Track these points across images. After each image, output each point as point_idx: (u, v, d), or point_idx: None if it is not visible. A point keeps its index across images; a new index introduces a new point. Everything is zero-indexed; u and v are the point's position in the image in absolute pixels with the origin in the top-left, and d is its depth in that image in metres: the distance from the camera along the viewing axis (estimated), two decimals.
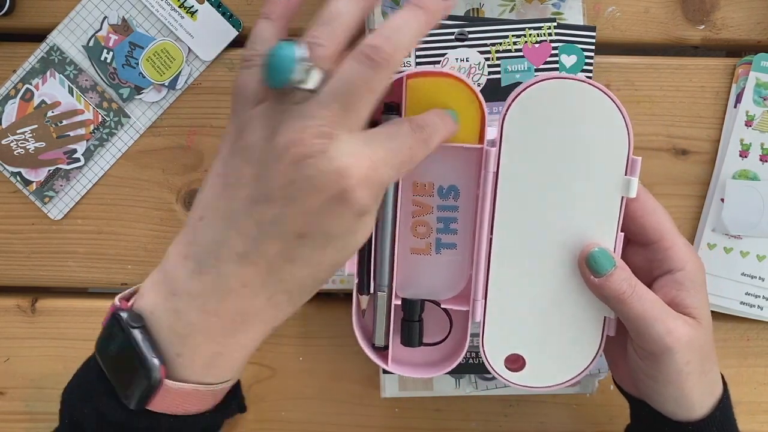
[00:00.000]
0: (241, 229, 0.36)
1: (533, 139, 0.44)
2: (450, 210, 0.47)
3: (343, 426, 0.62)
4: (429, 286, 0.48)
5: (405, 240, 0.47)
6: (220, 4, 0.58)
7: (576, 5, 0.56)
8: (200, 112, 0.59)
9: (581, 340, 0.47)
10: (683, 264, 0.46)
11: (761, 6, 0.58)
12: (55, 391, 0.62)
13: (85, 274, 0.61)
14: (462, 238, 0.48)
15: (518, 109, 0.44)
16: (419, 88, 0.44)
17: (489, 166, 0.45)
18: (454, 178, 0.47)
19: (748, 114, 0.57)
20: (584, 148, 0.44)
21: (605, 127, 0.44)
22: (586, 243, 0.45)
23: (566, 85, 0.44)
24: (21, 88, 0.59)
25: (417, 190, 0.47)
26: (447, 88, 0.44)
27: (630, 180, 0.44)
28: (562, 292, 0.46)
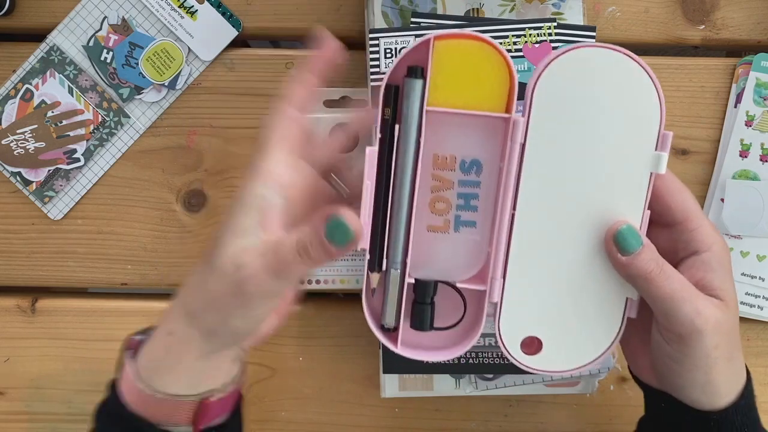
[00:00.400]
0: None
1: (562, 109, 0.42)
2: (471, 185, 0.44)
3: (343, 426, 0.62)
4: (444, 267, 0.46)
5: (422, 216, 0.45)
6: (220, 4, 0.58)
7: (576, 5, 0.56)
8: (200, 112, 0.59)
9: (601, 322, 0.45)
10: (709, 245, 0.44)
11: (761, 6, 0.58)
12: (55, 391, 0.63)
13: (85, 274, 0.61)
14: (482, 215, 0.45)
15: (549, 78, 0.42)
16: (446, 50, 0.42)
17: (516, 137, 0.43)
18: (478, 151, 0.44)
19: (748, 114, 0.57)
20: (614, 121, 0.42)
21: (637, 100, 0.42)
22: (614, 220, 0.43)
23: (599, 53, 0.42)
24: (21, 88, 0.59)
25: (438, 163, 0.44)
26: (475, 52, 0.42)
27: (660, 155, 0.42)
28: (584, 271, 0.44)
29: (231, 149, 0.60)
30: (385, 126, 0.43)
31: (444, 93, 0.43)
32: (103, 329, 0.62)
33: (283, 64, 0.59)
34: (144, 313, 0.62)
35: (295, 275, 0.41)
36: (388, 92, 0.43)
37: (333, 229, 0.40)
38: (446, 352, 0.47)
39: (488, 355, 0.58)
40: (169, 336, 0.43)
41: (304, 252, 0.40)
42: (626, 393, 0.61)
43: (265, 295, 0.41)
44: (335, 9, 0.59)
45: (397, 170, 0.44)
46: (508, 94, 0.43)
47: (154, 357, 0.43)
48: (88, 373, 0.62)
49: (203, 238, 0.61)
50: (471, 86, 0.43)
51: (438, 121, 0.43)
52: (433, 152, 0.44)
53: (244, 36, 0.59)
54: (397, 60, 0.42)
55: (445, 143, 0.44)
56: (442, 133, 0.44)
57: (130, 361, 0.44)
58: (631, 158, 0.43)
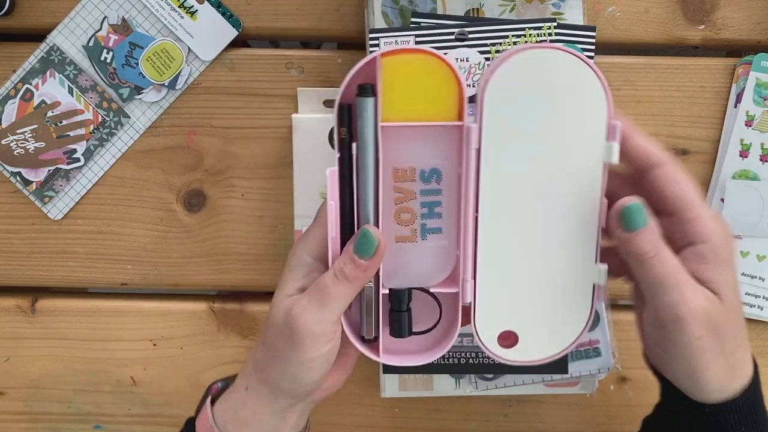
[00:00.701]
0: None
1: (514, 111, 0.44)
2: (433, 194, 0.46)
3: (343, 426, 0.62)
4: (416, 274, 0.47)
5: (389, 229, 0.46)
6: (220, 4, 0.58)
7: (576, 5, 0.56)
8: (200, 112, 0.59)
9: (572, 309, 0.46)
10: (707, 236, 0.43)
11: (761, 6, 0.58)
12: (55, 391, 0.63)
13: (85, 274, 0.61)
14: (447, 221, 0.47)
15: (497, 83, 0.44)
16: (394, 66, 0.44)
17: (471, 143, 0.44)
18: (436, 160, 0.46)
19: (748, 114, 0.57)
20: (565, 117, 0.44)
21: (584, 95, 0.44)
22: (574, 212, 0.45)
23: (543, 55, 0.43)
24: (21, 88, 0.59)
25: (398, 176, 0.46)
26: (423, 65, 0.44)
27: (611, 145, 0.44)
28: (550, 263, 0.46)
29: (231, 149, 0.60)
30: (343, 145, 0.44)
31: (396, 107, 0.44)
32: (103, 329, 0.62)
33: (283, 64, 0.59)
34: (144, 313, 0.62)
35: (338, 303, 0.44)
36: (342, 112, 0.44)
37: (360, 242, 0.44)
38: (428, 354, 0.48)
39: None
40: (246, 390, 0.47)
41: (341, 273, 0.44)
42: (626, 393, 0.61)
43: (314, 332, 0.44)
44: (335, 9, 0.59)
45: (359, 187, 0.45)
46: (458, 103, 0.44)
47: (232, 408, 0.47)
48: (88, 373, 0.62)
49: (203, 238, 0.61)
50: (422, 98, 0.44)
51: (394, 135, 0.45)
52: (393, 166, 0.46)
53: (244, 36, 0.59)
54: (346, 80, 0.44)
55: (404, 155, 0.45)
56: (399, 146, 0.45)
57: (209, 406, 0.47)
58: (584, 151, 0.44)
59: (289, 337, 0.44)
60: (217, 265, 0.61)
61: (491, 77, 0.43)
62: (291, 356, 0.44)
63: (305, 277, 0.45)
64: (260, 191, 0.60)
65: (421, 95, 0.44)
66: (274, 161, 0.60)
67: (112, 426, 0.63)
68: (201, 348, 0.62)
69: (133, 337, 0.62)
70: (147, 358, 0.62)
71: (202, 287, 0.62)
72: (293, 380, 0.45)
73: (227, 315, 0.62)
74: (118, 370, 0.62)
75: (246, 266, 0.61)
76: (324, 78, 0.59)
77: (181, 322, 0.62)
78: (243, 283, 0.61)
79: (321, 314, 0.43)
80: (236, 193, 0.60)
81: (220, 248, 0.61)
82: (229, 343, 0.62)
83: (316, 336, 0.43)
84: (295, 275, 0.46)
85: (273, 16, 0.59)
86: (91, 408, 0.63)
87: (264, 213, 0.60)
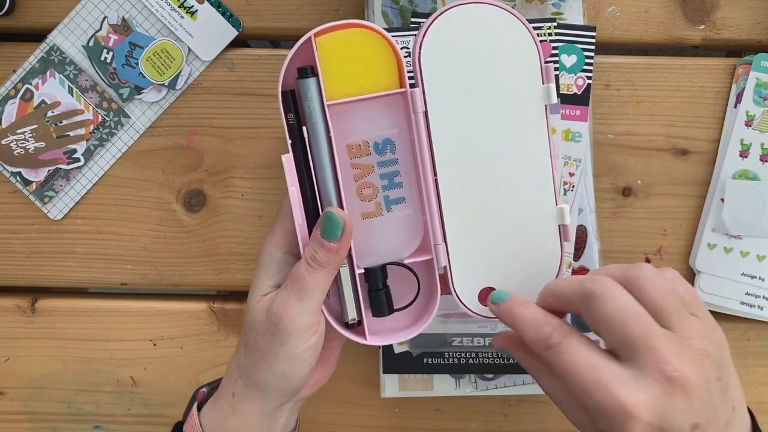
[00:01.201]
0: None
1: (452, 70, 0.45)
2: (391, 164, 0.46)
3: (343, 426, 0.62)
4: (387, 248, 0.47)
5: (353, 206, 0.46)
6: (220, 4, 0.58)
7: (576, 5, 0.56)
8: (200, 112, 0.59)
9: (543, 254, 0.47)
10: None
11: (761, 6, 0.58)
12: (54, 391, 0.63)
13: (85, 274, 0.61)
14: (408, 189, 0.47)
15: (430, 44, 0.44)
16: (329, 44, 0.44)
17: (417, 107, 0.45)
18: (387, 130, 0.46)
19: (748, 114, 0.57)
20: (501, 68, 0.45)
21: (515, 44, 0.45)
22: (528, 155, 0.46)
23: (468, 10, 0.44)
24: (21, 88, 0.59)
25: (353, 152, 0.46)
26: (357, 38, 0.44)
27: (548, 87, 0.45)
28: (514, 212, 0.47)
29: (231, 149, 0.60)
30: (292, 131, 0.44)
31: (339, 84, 0.44)
32: (103, 329, 0.62)
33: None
34: (144, 313, 0.62)
35: (317, 291, 0.44)
36: (286, 98, 0.44)
37: (325, 225, 0.43)
38: (413, 328, 0.48)
39: (488, 355, 0.58)
40: (233, 398, 0.46)
41: (313, 260, 0.43)
42: None
43: (299, 325, 0.43)
44: (335, 9, 0.59)
45: (316, 169, 0.45)
46: (398, 70, 0.45)
47: (221, 416, 0.46)
48: (88, 373, 0.62)
49: (203, 238, 0.61)
50: (362, 71, 0.45)
51: (341, 112, 0.45)
52: (345, 143, 0.46)
53: (244, 36, 0.59)
54: (284, 66, 0.44)
55: (354, 131, 0.46)
56: (349, 122, 0.45)
57: (196, 413, 0.47)
58: (525, 97, 0.46)
59: (273, 334, 0.44)
60: (217, 265, 0.61)
61: (424, 39, 0.44)
62: (279, 353, 0.44)
63: (278, 273, 0.45)
64: (260, 191, 0.60)
65: (361, 68, 0.45)
66: (274, 161, 0.60)
67: (112, 426, 0.63)
68: (201, 348, 0.62)
69: (133, 337, 0.62)
70: (147, 358, 0.62)
71: (202, 287, 0.62)
72: (283, 377, 0.44)
73: (227, 315, 0.62)
74: (118, 370, 0.62)
75: (246, 266, 0.61)
76: None
77: (181, 322, 0.62)
78: (243, 283, 0.61)
79: (302, 305, 0.43)
80: (236, 193, 0.60)
81: (220, 248, 0.61)
82: (229, 343, 0.62)
83: (302, 328, 0.43)
84: (267, 273, 0.45)
85: (273, 16, 0.59)
86: (91, 408, 0.63)
87: (264, 213, 0.60)
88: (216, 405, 0.47)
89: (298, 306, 0.43)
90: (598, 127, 0.59)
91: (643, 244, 0.60)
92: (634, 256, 0.60)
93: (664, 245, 0.60)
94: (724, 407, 0.38)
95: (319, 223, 0.44)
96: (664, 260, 0.60)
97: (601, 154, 0.59)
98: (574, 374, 0.38)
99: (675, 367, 0.36)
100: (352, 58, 0.44)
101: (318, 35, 0.44)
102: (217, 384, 0.49)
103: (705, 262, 0.59)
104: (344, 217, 0.44)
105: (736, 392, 0.39)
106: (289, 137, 0.44)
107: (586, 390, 0.37)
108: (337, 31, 0.44)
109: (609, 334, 0.38)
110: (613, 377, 0.36)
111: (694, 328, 0.38)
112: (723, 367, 0.38)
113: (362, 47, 0.44)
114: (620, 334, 0.38)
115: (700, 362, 0.37)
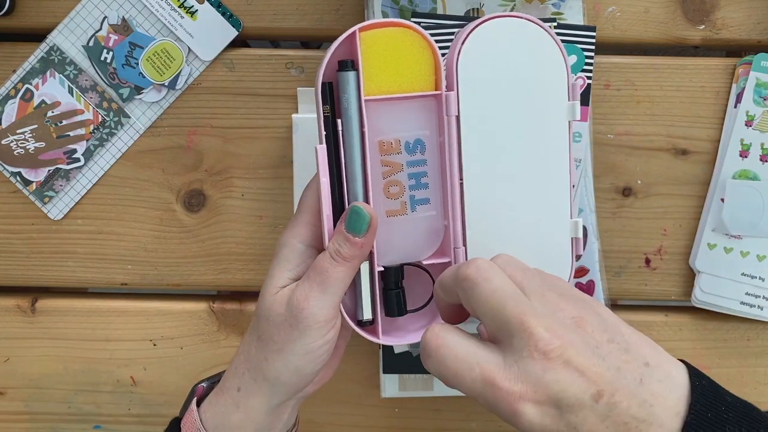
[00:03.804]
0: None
1: (485, 78, 0.45)
2: (419, 165, 0.46)
3: (343, 426, 0.62)
4: (408, 248, 0.47)
5: (379, 203, 0.46)
6: (220, 4, 0.58)
7: (576, 5, 0.56)
8: (200, 112, 0.59)
9: (556, 265, 0.47)
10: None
11: (761, 6, 0.58)
12: (55, 391, 0.63)
13: (85, 274, 0.61)
14: (434, 191, 0.47)
15: (468, 51, 0.45)
16: (372, 40, 0.44)
17: (451, 111, 0.45)
18: (418, 131, 0.46)
19: (748, 114, 0.57)
20: (531, 81, 0.46)
21: (546, 59, 0.46)
22: (553, 170, 0.46)
23: (508, 22, 0.45)
24: (21, 88, 0.59)
25: (384, 149, 0.46)
26: (399, 37, 0.45)
27: (573, 104, 0.46)
28: (532, 223, 0.47)
29: (231, 149, 0.60)
30: (327, 123, 0.45)
31: (377, 81, 0.45)
32: (103, 329, 0.62)
33: (283, 64, 0.59)
34: (144, 313, 0.62)
35: (339, 285, 0.43)
36: (324, 90, 0.44)
37: (351, 219, 0.43)
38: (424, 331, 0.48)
39: None
40: (238, 392, 0.45)
41: (337, 254, 0.43)
42: None
43: (319, 318, 0.43)
44: (335, 9, 0.59)
45: (347, 163, 0.45)
46: (435, 72, 0.45)
47: (223, 411, 0.45)
48: (88, 373, 0.62)
49: (203, 238, 0.61)
50: (401, 70, 0.45)
51: (376, 109, 0.45)
52: (377, 139, 0.46)
53: (244, 36, 0.59)
54: (327, 56, 0.44)
55: (388, 128, 0.46)
56: (382, 119, 0.46)
57: (195, 408, 0.46)
58: (551, 112, 0.46)
59: (293, 326, 0.43)
60: (217, 265, 0.61)
61: (462, 46, 0.45)
62: (295, 346, 0.43)
63: (299, 266, 0.45)
64: (260, 191, 0.60)
65: (399, 67, 0.45)
66: (274, 161, 0.60)
67: (111, 426, 0.63)
68: (201, 348, 0.62)
69: (133, 337, 0.62)
70: (147, 358, 0.62)
71: (202, 287, 0.62)
72: (296, 371, 0.44)
73: (227, 315, 0.62)
74: (118, 370, 0.62)
75: (246, 266, 0.61)
76: None
77: (181, 322, 0.62)
78: (243, 283, 0.61)
79: (324, 299, 0.43)
80: (236, 193, 0.60)
81: (220, 248, 0.61)
82: (229, 343, 0.62)
83: (321, 322, 0.43)
84: (287, 265, 0.45)
85: (273, 16, 0.59)
86: (91, 408, 0.63)
87: (264, 213, 0.60)
88: (218, 400, 0.46)
89: (320, 299, 0.43)
90: (598, 127, 0.59)
91: (643, 244, 0.60)
92: (634, 256, 0.60)
93: (664, 245, 0.60)
94: (631, 366, 0.36)
95: (344, 216, 0.44)
96: (664, 260, 0.60)
97: (601, 154, 0.59)
98: (459, 377, 0.37)
99: (547, 342, 0.35)
100: (393, 56, 0.45)
101: (363, 30, 0.44)
102: (216, 379, 0.48)
103: (705, 262, 0.59)
104: (371, 212, 0.43)
105: (644, 348, 0.37)
106: (323, 128, 0.45)
107: (473, 392, 0.37)
108: (381, 29, 0.44)
109: (486, 318, 0.38)
110: (497, 370, 0.36)
111: (562, 299, 0.38)
112: (609, 329, 0.37)
113: (403, 46, 0.45)
114: (497, 316, 0.37)
115: (577, 330, 0.36)
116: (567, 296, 0.39)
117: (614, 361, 0.36)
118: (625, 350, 0.36)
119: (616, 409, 0.35)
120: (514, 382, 0.35)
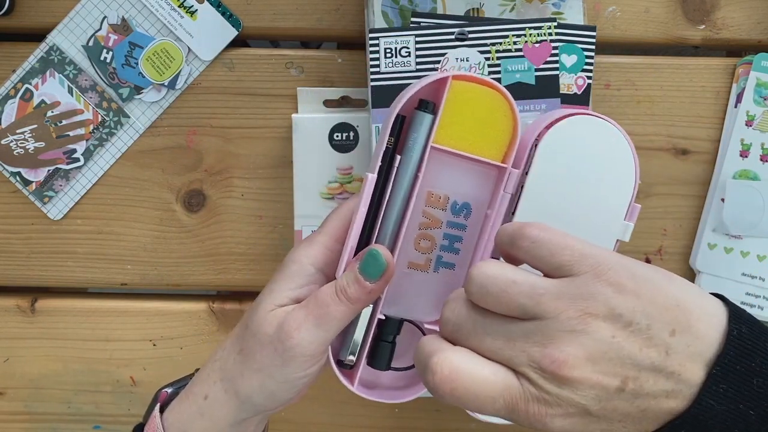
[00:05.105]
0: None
1: (554, 169, 0.44)
2: (459, 228, 0.45)
3: (343, 426, 0.62)
4: (416, 305, 0.45)
5: (405, 252, 0.44)
6: (219, 4, 0.58)
7: (576, 5, 0.56)
8: (200, 112, 0.59)
9: None
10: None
11: (761, 6, 0.58)
12: (54, 391, 0.63)
13: (84, 274, 0.61)
14: (462, 259, 0.45)
15: (549, 139, 0.44)
16: (461, 92, 0.43)
17: (509, 188, 0.44)
18: (470, 194, 0.45)
19: (748, 114, 0.57)
20: (595, 187, 0.44)
21: (618, 171, 0.44)
22: None
23: (594, 122, 0.44)
24: (20, 87, 0.59)
25: (431, 201, 0.44)
26: (488, 98, 0.43)
27: (627, 225, 0.44)
28: None
29: (231, 149, 0.60)
30: (386, 155, 0.43)
31: (450, 132, 0.43)
32: (103, 329, 0.62)
33: (283, 64, 0.59)
34: (144, 313, 0.62)
35: (336, 324, 0.41)
36: (396, 121, 0.43)
37: (367, 262, 0.41)
38: (403, 392, 0.47)
39: None
40: (205, 400, 0.44)
41: (342, 292, 0.41)
42: None
43: (306, 352, 0.41)
44: (335, 9, 0.59)
45: (389, 201, 0.44)
46: (508, 145, 0.44)
47: (187, 418, 0.44)
48: (88, 373, 0.62)
49: (203, 238, 0.61)
50: (476, 131, 0.44)
51: (438, 159, 0.44)
52: (427, 189, 0.44)
53: (244, 36, 0.59)
54: (412, 91, 0.43)
55: (441, 182, 0.44)
56: (440, 171, 0.44)
57: (158, 414, 0.44)
58: (604, 223, 0.44)
59: (278, 352, 0.41)
60: (217, 265, 0.61)
61: (546, 133, 0.43)
62: (275, 372, 0.42)
63: (303, 287, 0.43)
64: (260, 191, 0.60)
65: (476, 127, 0.44)
66: (274, 161, 0.60)
67: (111, 426, 0.63)
68: (201, 348, 0.62)
69: (132, 337, 0.62)
70: (147, 358, 0.62)
71: (202, 287, 0.62)
72: (269, 396, 0.43)
73: (227, 315, 0.62)
74: (117, 370, 0.62)
75: (246, 266, 0.61)
76: (324, 78, 0.59)
77: (181, 322, 0.62)
78: (243, 283, 0.61)
79: (317, 333, 0.41)
80: (236, 193, 0.60)
81: (220, 248, 0.61)
82: None
83: (307, 356, 0.41)
84: (290, 284, 0.43)
85: (273, 16, 0.59)
86: (91, 408, 0.63)
87: (264, 213, 0.60)
88: (182, 406, 0.44)
89: (312, 332, 0.41)
90: None
91: (643, 244, 0.60)
92: (634, 256, 0.59)
93: (664, 245, 0.60)
94: (656, 340, 0.34)
95: (360, 256, 0.42)
96: (664, 260, 0.60)
97: None
98: (483, 410, 0.35)
99: (553, 359, 0.33)
100: (474, 114, 0.43)
101: (456, 78, 0.43)
102: (182, 384, 0.46)
103: (705, 262, 0.59)
104: (389, 260, 0.41)
105: (669, 316, 0.34)
106: (380, 159, 0.43)
107: (499, 416, 0.36)
108: (473, 83, 0.43)
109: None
110: (518, 396, 0.35)
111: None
112: (624, 314, 0.34)
113: (489, 109, 0.43)
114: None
115: (578, 338, 0.34)
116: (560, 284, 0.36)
117: (635, 345, 0.34)
118: (648, 328, 0.34)
119: (642, 390, 0.34)
120: (537, 404, 0.34)
